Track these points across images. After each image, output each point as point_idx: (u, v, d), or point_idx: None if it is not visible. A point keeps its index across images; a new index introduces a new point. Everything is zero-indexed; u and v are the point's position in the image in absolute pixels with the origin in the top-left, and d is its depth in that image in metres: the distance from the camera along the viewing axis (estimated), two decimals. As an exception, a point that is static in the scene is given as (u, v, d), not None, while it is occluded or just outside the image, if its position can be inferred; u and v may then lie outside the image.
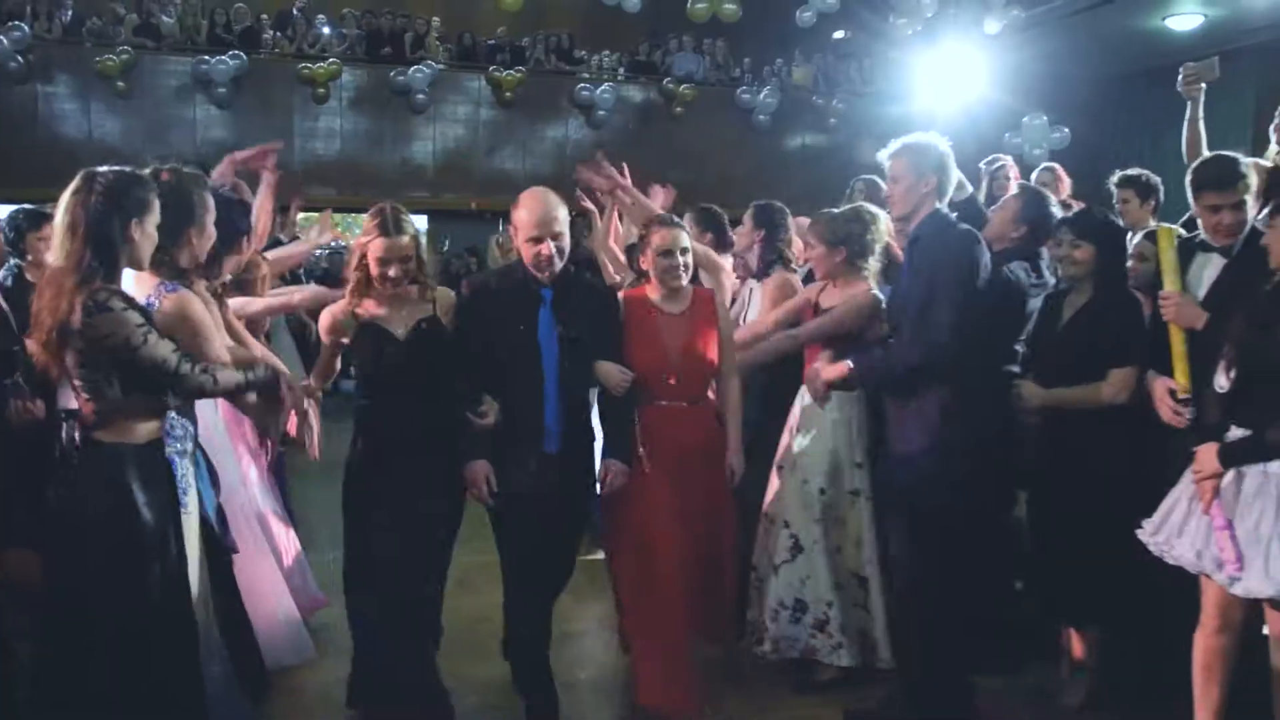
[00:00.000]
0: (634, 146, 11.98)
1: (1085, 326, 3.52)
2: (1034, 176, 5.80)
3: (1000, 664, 3.74)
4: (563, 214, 3.31)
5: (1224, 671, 3.08)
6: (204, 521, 2.86)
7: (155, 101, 12.37)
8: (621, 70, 14.34)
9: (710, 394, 3.64)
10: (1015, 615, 3.89)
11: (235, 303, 3.69)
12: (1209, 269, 3.30)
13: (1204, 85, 4.29)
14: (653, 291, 3.60)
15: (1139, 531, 3.11)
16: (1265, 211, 3.05)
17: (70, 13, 12.35)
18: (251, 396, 2.86)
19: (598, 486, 3.47)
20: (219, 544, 3.00)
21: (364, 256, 3.21)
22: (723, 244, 4.44)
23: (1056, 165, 5.97)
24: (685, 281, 3.57)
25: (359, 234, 3.29)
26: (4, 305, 3.26)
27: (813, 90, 14.53)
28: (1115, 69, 13.43)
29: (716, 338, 3.59)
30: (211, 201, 3.08)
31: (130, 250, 2.58)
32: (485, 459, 3.27)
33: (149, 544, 2.57)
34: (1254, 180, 3.26)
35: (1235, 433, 2.92)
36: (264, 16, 13.11)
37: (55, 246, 2.56)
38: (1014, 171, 5.80)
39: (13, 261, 4.26)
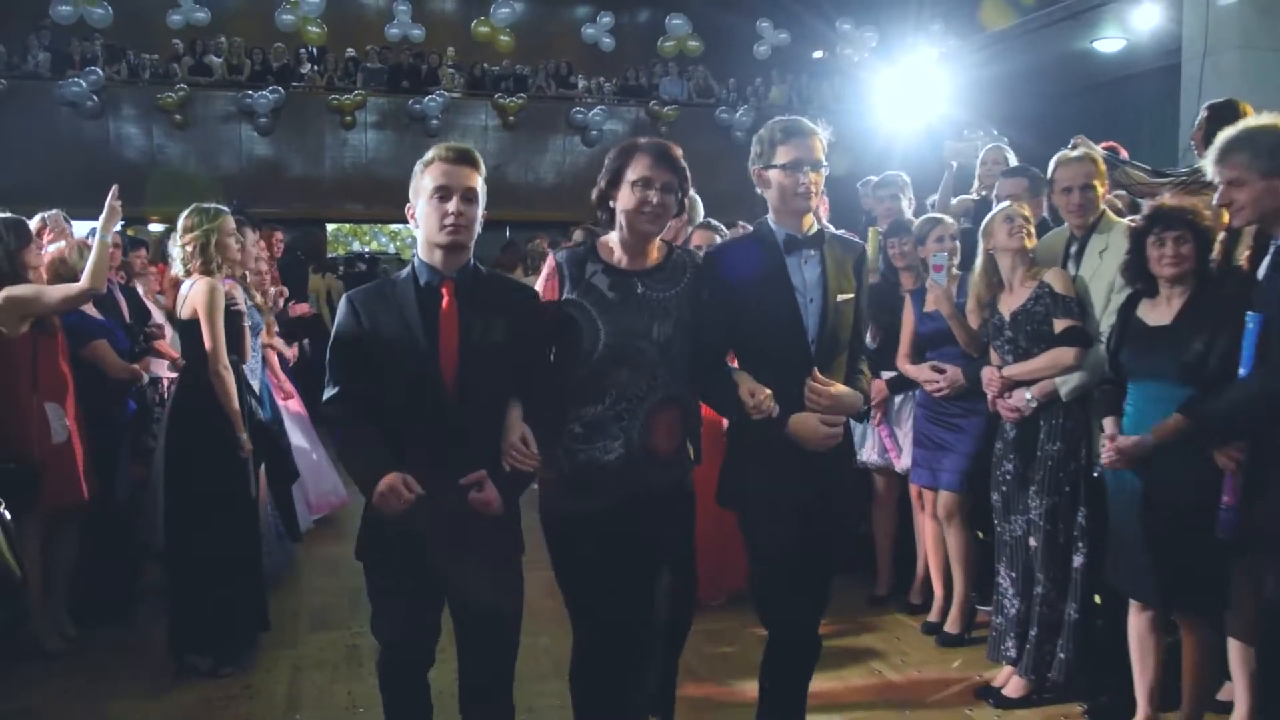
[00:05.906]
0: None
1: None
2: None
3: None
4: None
5: (893, 528, 4.81)
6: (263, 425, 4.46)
7: (207, 130, 13.97)
8: (614, 94, 15.75)
9: None
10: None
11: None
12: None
13: (963, 157, 5.21)
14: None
15: None
16: None
17: (135, 57, 14.09)
18: None
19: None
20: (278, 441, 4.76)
21: None
22: None
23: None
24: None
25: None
26: (121, 298, 5.07)
27: (787, 108, 15.91)
28: (1056, 87, 14.86)
29: None
30: None
31: None
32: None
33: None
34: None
35: (887, 374, 4.62)
36: (302, 50, 14.65)
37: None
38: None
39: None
